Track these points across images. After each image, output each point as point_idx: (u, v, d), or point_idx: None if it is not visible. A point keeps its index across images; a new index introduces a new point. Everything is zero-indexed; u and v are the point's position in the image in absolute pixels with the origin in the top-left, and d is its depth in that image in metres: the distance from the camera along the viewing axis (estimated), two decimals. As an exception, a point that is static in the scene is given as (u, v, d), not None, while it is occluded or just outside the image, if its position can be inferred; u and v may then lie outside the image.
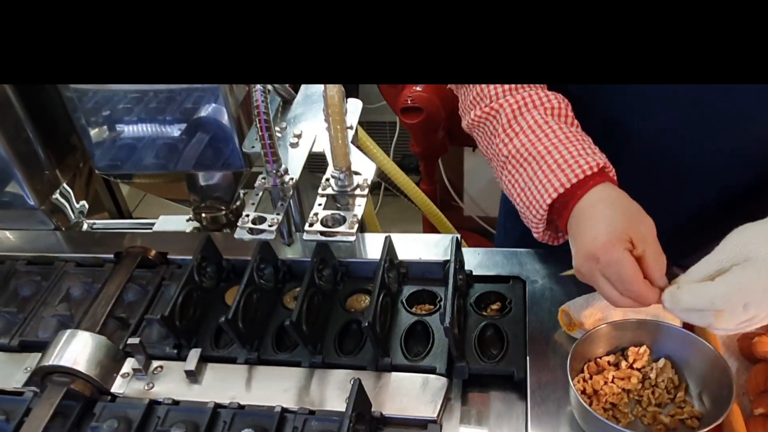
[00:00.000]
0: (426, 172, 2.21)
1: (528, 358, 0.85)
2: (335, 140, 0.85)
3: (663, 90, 0.82)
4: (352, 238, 0.87)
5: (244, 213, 0.90)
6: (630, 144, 0.88)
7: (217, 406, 0.84)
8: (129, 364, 0.92)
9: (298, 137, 1.04)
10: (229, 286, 1.04)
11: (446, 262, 0.99)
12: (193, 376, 0.89)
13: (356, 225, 0.87)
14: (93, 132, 1.12)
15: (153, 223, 1.34)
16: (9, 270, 1.13)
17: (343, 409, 0.80)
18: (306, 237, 0.90)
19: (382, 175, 1.33)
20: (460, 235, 1.06)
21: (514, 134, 0.81)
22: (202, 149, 1.10)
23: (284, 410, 0.83)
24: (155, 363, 0.92)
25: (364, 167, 0.95)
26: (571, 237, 0.76)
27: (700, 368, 0.79)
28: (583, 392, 0.79)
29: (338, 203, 0.92)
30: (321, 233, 0.89)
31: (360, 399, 0.76)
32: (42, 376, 0.87)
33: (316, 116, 1.11)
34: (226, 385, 0.88)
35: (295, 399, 0.85)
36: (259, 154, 1.07)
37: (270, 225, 0.89)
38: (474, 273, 1.01)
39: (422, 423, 0.81)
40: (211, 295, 1.02)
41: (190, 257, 1.00)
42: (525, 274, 0.99)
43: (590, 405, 0.78)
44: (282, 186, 0.92)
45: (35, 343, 0.97)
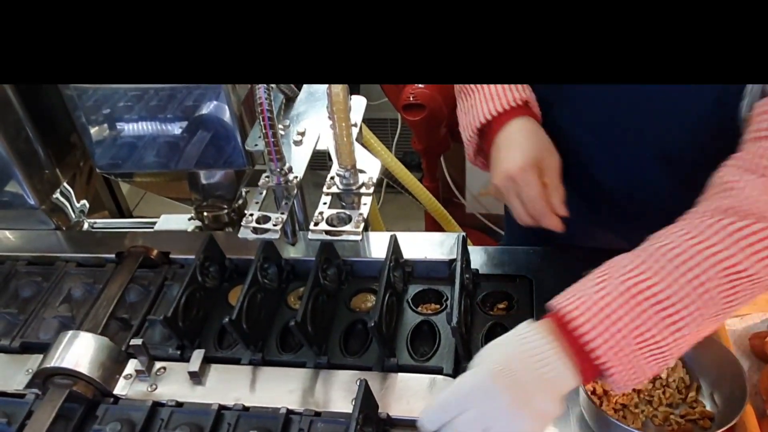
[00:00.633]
0: (428, 170, 2.19)
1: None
2: (340, 138, 0.84)
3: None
4: (358, 238, 0.86)
5: (248, 212, 0.89)
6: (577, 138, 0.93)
7: (221, 408, 0.84)
8: (132, 366, 0.91)
9: (302, 135, 1.03)
10: (233, 286, 1.03)
11: (452, 261, 0.98)
12: (197, 378, 0.88)
13: (362, 224, 0.86)
14: (93, 130, 1.10)
15: (154, 223, 1.33)
16: (10, 270, 1.11)
17: (349, 411, 0.79)
18: (311, 236, 0.88)
19: (386, 173, 1.31)
20: (466, 234, 1.05)
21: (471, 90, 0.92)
22: (204, 147, 1.09)
23: (289, 412, 0.82)
24: (158, 364, 0.91)
25: (369, 165, 0.94)
26: (492, 159, 0.87)
27: (712, 367, 0.78)
28: (593, 392, 0.78)
29: (343, 202, 0.91)
30: (326, 232, 0.87)
31: (367, 400, 0.75)
32: (44, 378, 0.86)
33: (320, 114, 1.09)
34: (230, 387, 0.87)
35: (300, 400, 0.84)
36: (262, 152, 1.06)
37: (274, 224, 0.88)
38: (480, 272, 1.00)
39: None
40: (215, 295, 1.01)
41: (193, 257, 0.99)
42: (532, 273, 0.98)
43: (600, 405, 0.77)
44: (286, 185, 0.90)
45: (36, 345, 0.96)
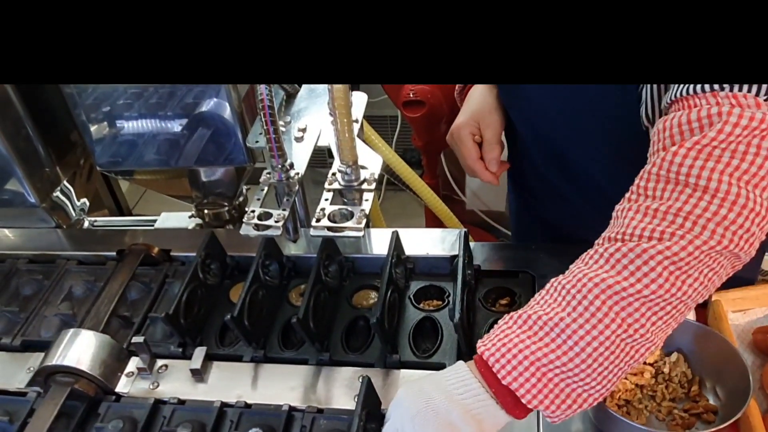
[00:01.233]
0: (428, 166, 2.19)
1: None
2: (342, 134, 0.84)
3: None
4: (361, 234, 0.85)
5: (250, 209, 0.89)
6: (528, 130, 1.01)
7: (224, 405, 0.83)
8: (133, 364, 0.90)
9: (303, 131, 1.03)
10: (234, 284, 1.03)
11: (453, 257, 0.98)
12: (199, 375, 0.88)
13: (364, 220, 0.86)
14: (94, 128, 1.10)
15: (154, 220, 1.33)
16: (10, 269, 1.11)
17: (352, 407, 0.79)
18: (313, 233, 0.88)
19: (387, 170, 1.31)
20: (467, 230, 1.05)
21: None
22: (205, 144, 1.08)
23: (292, 409, 0.82)
24: (160, 362, 0.91)
25: (371, 161, 0.94)
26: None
27: (714, 361, 0.77)
28: (597, 388, 0.78)
29: (345, 198, 0.91)
30: (328, 229, 0.87)
31: (370, 397, 0.74)
32: (45, 376, 0.86)
33: (321, 110, 1.09)
34: (232, 384, 0.87)
35: (302, 397, 0.84)
36: (263, 149, 1.06)
37: (276, 221, 0.87)
38: (482, 268, 1.00)
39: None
40: (216, 293, 1.00)
41: (194, 254, 0.99)
42: (534, 269, 0.98)
43: (604, 402, 0.77)
44: (288, 181, 0.90)
45: (38, 343, 0.96)
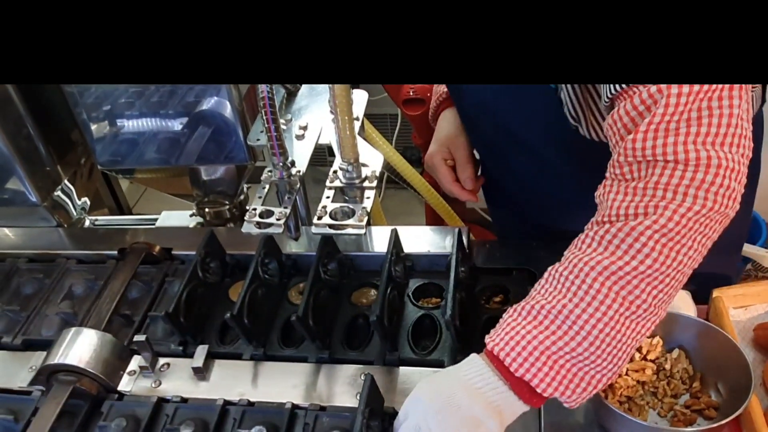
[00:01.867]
0: (428, 165, 2.19)
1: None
2: (343, 132, 0.84)
3: None
4: (362, 231, 0.85)
5: (251, 207, 0.89)
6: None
7: (226, 403, 0.83)
8: (135, 362, 0.90)
9: (304, 129, 1.03)
10: (234, 282, 1.03)
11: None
12: (201, 373, 0.88)
13: (365, 218, 0.86)
14: (95, 127, 1.10)
15: (155, 219, 1.33)
16: (11, 268, 1.11)
17: (353, 405, 0.80)
18: (315, 230, 0.88)
19: (388, 167, 1.31)
20: (468, 228, 1.05)
21: None
22: (206, 143, 1.08)
23: (294, 406, 0.82)
24: (161, 360, 0.91)
25: (372, 159, 0.94)
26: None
27: (715, 357, 0.78)
28: (598, 385, 0.78)
29: (346, 196, 0.91)
30: (330, 226, 0.87)
31: (373, 394, 0.74)
32: (48, 375, 0.86)
33: (321, 108, 1.09)
34: (234, 382, 0.87)
35: (304, 395, 0.84)
36: (263, 147, 1.06)
37: (278, 219, 0.87)
38: (483, 265, 1.00)
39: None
40: (216, 291, 1.00)
41: (195, 253, 0.99)
42: (534, 266, 0.98)
43: (605, 398, 0.77)
44: (289, 179, 0.90)
45: (39, 342, 0.96)
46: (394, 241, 0.94)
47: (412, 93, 1.85)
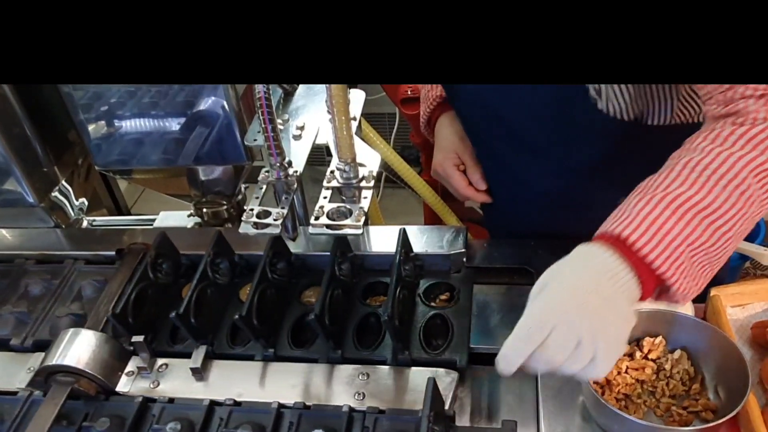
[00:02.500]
0: (426, 164, 2.19)
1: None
2: (340, 132, 0.84)
3: None
4: (359, 231, 0.86)
5: (249, 207, 0.89)
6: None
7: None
8: (133, 363, 0.90)
9: (301, 129, 1.03)
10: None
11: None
12: (199, 374, 0.88)
13: (363, 217, 0.86)
14: (92, 128, 1.10)
15: (153, 219, 1.33)
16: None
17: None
18: (312, 230, 0.88)
19: (386, 167, 1.31)
20: (466, 227, 1.05)
21: None
22: (203, 143, 1.08)
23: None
24: (160, 361, 0.91)
25: (369, 158, 0.94)
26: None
27: (716, 359, 0.78)
28: (596, 382, 0.78)
29: (344, 196, 0.91)
30: (327, 226, 0.87)
31: (436, 398, 0.73)
32: (46, 376, 0.86)
33: (318, 108, 1.09)
34: (232, 383, 0.87)
35: (302, 395, 0.84)
36: (261, 147, 1.06)
37: (275, 219, 0.87)
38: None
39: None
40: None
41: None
42: (532, 265, 0.98)
43: (602, 395, 0.77)
44: (286, 179, 0.90)
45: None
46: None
47: (410, 92, 1.85)
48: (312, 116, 1.08)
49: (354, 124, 1.00)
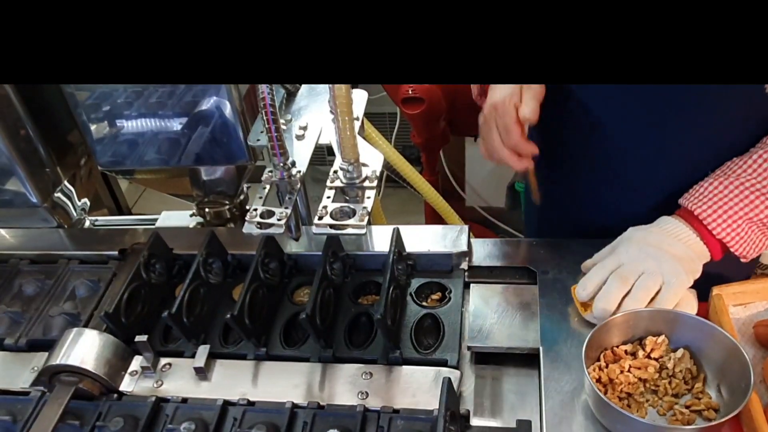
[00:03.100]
0: (427, 163, 2.19)
1: (541, 348, 0.84)
2: (343, 131, 0.84)
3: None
4: (363, 231, 0.86)
5: (252, 207, 0.89)
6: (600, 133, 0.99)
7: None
8: (137, 362, 0.91)
9: (304, 129, 1.03)
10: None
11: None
12: (203, 373, 0.88)
13: (366, 217, 0.86)
14: (94, 128, 1.10)
15: (155, 219, 1.33)
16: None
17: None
18: (315, 230, 0.88)
19: (387, 166, 1.32)
20: (468, 227, 1.05)
21: None
22: (206, 143, 1.09)
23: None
24: (163, 360, 0.91)
25: (372, 158, 0.94)
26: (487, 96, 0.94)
27: (718, 358, 0.78)
28: (599, 381, 0.78)
29: (347, 196, 0.91)
30: (331, 226, 0.87)
31: (451, 398, 0.73)
32: (49, 376, 0.86)
33: (321, 108, 1.09)
34: (236, 382, 0.87)
35: (305, 394, 0.84)
36: (264, 148, 1.06)
37: (279, 219, 0.88)
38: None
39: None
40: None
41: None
42: (534, 264, 0.98)
43: (605, 394, 0.77)
44: (289, 179, 0.90)
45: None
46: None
47: (411, 92, 1.85)
48: (315, 116, 1.08)
49: (357, 124, 1.00)
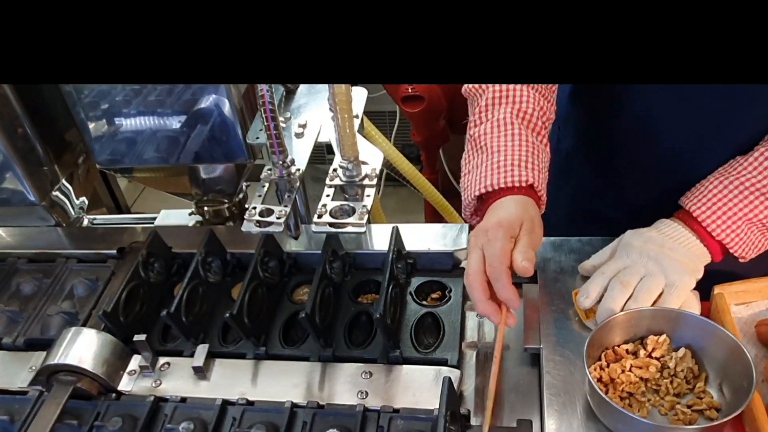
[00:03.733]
0: (427, 162, 2.19)
1: (542, 347, 0.84)
2: (343, 129, 0.83)
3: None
4: (363, 230, 0.85)
5: (251, 206, 0.89)
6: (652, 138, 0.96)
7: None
8: (135, 362, 0.90)
9: (303, 127, 1.02)
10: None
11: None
12: (201, 373, 0.87)
13: (366, 216, 0.86)
14: (93, 126, 1.10)
15: (154, 218, 1.32)
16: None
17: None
18: (315, 229, 0.88)
19: (387, 164, 1.31)
20: (468, 226, 1.05)
21: (482, 121, 0.91)
22: (205, 141, 1.08)
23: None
24: (162, 360, 0.91)
25: (371, 156, 0.93)
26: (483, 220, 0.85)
27: (720, 358, 0.77)
28: (600, 380, 0.78)
29: (346, 194, 0.91)
30: (330, 225, 0.87)
31: (451, 397, 0.73)
32: (47, 375, 0.86)
33: (321, 106, 1.09)
34: (235, 382, 0.87)
35: (305, 394, 0.84)
36: (263, 146, 1.06)
37: (278, 217, 0.87)
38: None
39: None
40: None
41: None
42: (536, 263, 0.97)
43: (606, 393, 0.77)
44: (289, 177, 0.90)
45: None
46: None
47: (411, 91, 1.85)
48: (314, 114, 1.07)
49: (356, 122, 1.00)
